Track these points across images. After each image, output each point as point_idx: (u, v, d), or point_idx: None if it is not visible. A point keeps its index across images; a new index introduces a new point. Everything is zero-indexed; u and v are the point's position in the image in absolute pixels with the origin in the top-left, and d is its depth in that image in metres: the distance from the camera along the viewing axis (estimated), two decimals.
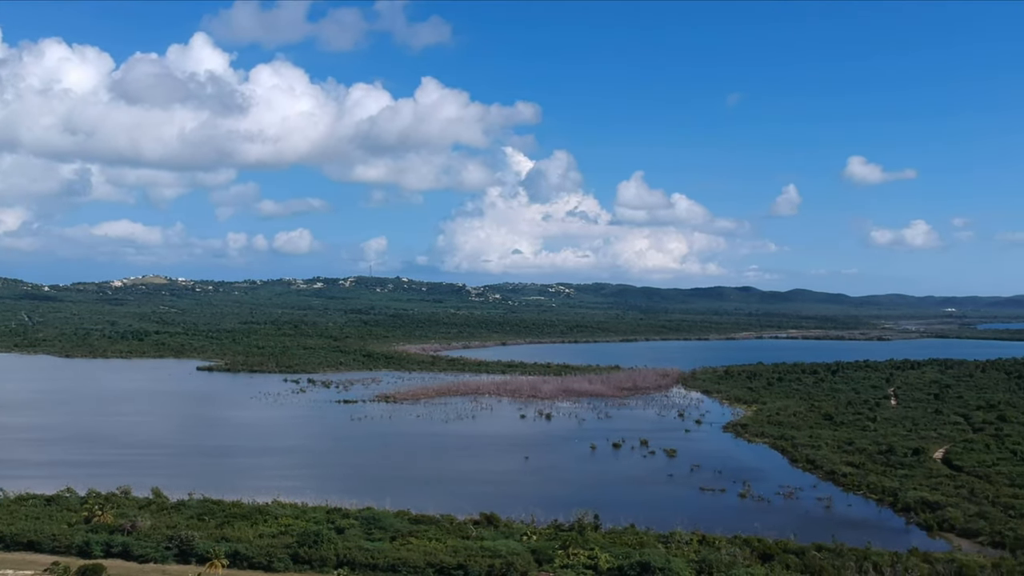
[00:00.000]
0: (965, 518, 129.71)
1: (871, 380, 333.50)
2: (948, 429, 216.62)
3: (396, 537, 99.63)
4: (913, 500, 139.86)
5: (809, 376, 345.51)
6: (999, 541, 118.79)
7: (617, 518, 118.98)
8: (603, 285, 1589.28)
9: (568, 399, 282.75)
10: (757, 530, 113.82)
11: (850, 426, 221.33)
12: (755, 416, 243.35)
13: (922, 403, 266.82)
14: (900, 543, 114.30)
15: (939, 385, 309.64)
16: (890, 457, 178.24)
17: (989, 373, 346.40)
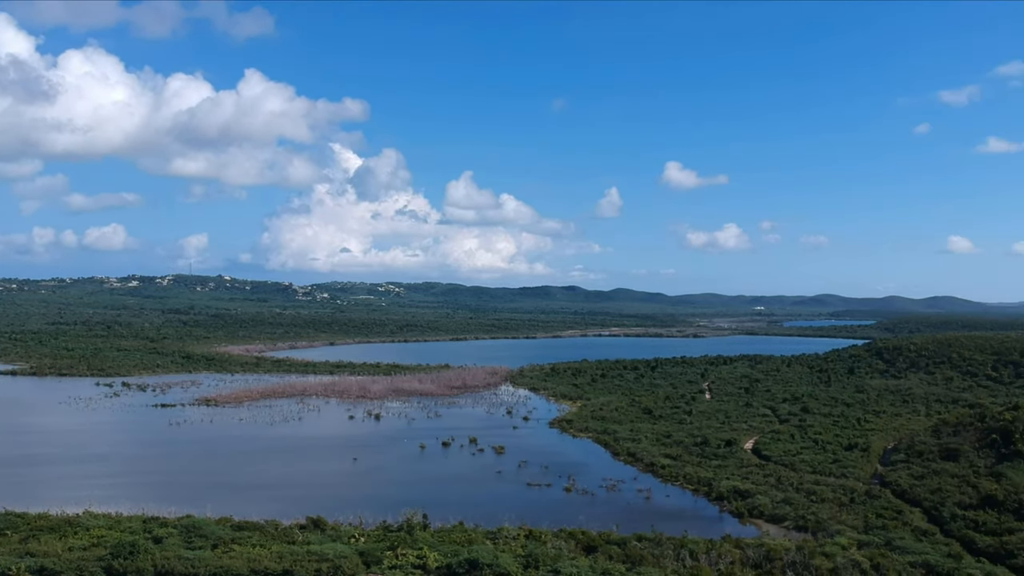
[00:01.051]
0: (772, 504, 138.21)
1: (687, 375, 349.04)
2: (757, 421, 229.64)
3: (218, 545, 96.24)
4: (726, 489, 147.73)
5: (630, 372, 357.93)
6: (802, 525, 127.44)
7: (446, 516, 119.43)
8: (433, 284, 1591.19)
9: (398, 399, 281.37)
10: (582, 523, 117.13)
11: (668, 419, 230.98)
12: (580, 412, 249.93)
13: (734, 396, 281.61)
14: (714, 530, 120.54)
15: (749, 379, 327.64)
16: (705, 448, 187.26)
17: (794, 368, 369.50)
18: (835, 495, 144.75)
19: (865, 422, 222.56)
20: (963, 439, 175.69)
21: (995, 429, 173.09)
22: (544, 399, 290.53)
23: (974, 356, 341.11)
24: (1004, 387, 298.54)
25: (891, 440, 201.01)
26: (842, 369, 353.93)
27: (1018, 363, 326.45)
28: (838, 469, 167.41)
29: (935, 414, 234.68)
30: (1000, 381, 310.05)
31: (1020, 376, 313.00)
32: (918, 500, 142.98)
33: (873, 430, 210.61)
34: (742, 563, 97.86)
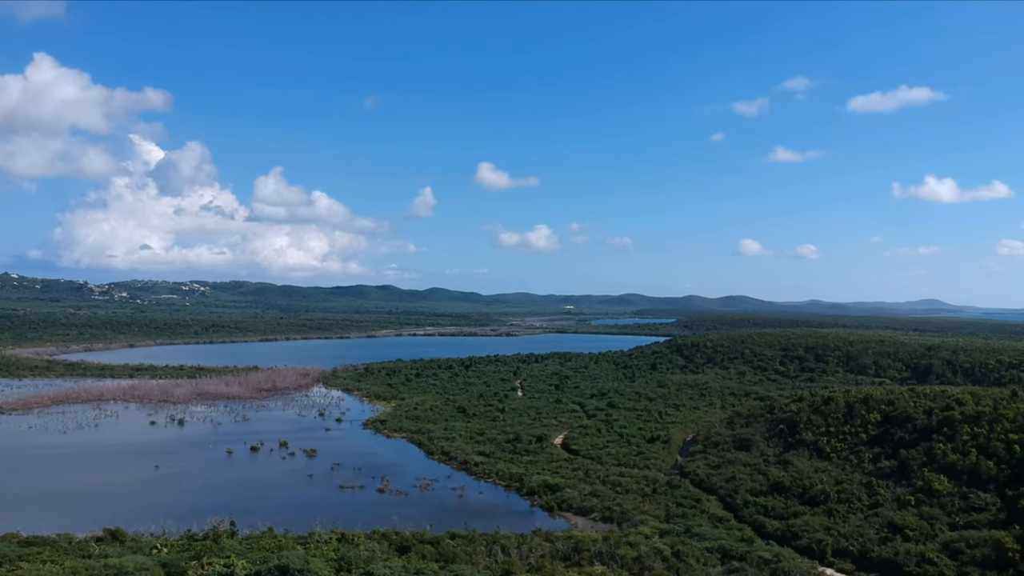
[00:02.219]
0: (581, 497, 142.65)
1: (500, 373, 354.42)
2: (567, 416, 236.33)
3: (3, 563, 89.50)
4: (537, 484, 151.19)
5: (445, 371, 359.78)
6: (609, 516, 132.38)
7: (255, 523, 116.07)
8: (241, 283, 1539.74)
9: (203, 403, 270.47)
10: (395, 523, 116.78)
11: (482, 417, 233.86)
12: (394, 412, 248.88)
13: (545, 393, 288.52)
14: (526, 525, 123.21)
15: (559, 376, 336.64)
16: (517, 445, 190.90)
17: (601, 364, 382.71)
18: (639, 486, 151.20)
19: (666, 415, 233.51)
20: (754, 430, 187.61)
21: (782, 420, 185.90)
22: (358, 400, 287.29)
23: (764, 352, 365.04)
24: (791, 380, 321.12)
25: (690, 432, 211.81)
26: (645, 365, 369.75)
27: (803, 358, 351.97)
28: (642, 461, 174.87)
29: (729, 407, 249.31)
30: (787, 375, 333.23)
31: (805, 370, 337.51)
32: (714, 488, 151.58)
33: (674, 423, 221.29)
34: (552, 556, 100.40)
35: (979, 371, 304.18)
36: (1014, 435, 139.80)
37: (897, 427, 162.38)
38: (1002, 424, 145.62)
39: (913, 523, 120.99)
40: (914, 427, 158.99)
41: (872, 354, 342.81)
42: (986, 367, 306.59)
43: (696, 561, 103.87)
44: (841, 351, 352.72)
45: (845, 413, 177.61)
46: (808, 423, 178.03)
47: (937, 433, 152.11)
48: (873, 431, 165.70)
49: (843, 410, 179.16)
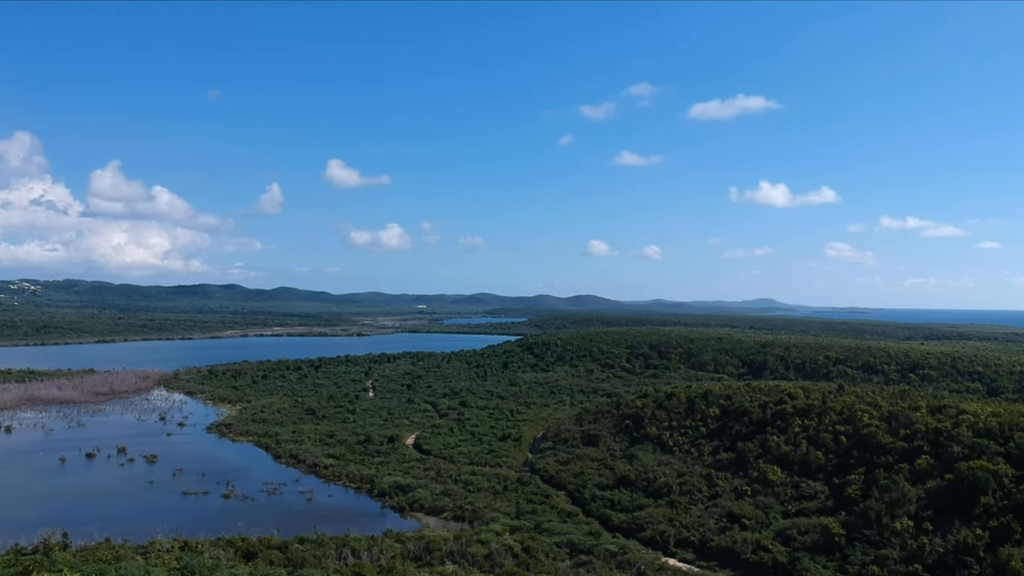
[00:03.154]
0: (432, 497, 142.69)
1: (351, 374, 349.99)
2: (419, 416, 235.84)
3: None
4: (388, 485, 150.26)
5: (293, 372, 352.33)
6: (460, 515, 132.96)
7: (91, 534, 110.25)
8: (76, 282, 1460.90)
9: (33, 408, 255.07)
10: (241, 529, 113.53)
11: (332, 419, 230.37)
12: (240, 415, 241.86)
13: (397, 393, 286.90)
14: (377, 526, 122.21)
15: (412, 376, 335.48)
16: (368, 446, 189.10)
17: (453, 364, 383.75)
18: (490, 484, 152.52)
19: (518, 413, 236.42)
20: (602, 426, 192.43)
21: (628, 415, 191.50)
22: (201, 403, 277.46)
23: (611, 350, 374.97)
24: (636, 377, 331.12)
25: (541, 429, 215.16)
26: (497, 364, 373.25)
27: (648, 355, 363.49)
28: (493, 459, 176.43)
29: (579, 404, 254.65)
30: (633, 372, 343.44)
31: (650, 367, 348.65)
32: (563, 484, 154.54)
33: (525, 421, 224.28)
34: (403, 557, 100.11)
35: (809, 366, 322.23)
36: (841, 426, 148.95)
37: (735, 421, 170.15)
38: (830, 416, 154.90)
39: (749, 512, 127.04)
40: (750, 420, 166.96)
41: (712, 351, 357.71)
42: (815, 363, 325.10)
43: (546, 556, 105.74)
44: (683, 348, 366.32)
45: (687, 408, 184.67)
46: (652, 418, 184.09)
47: (771, 426, 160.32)
48: (713, 425, 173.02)
49: (685, 405, 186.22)
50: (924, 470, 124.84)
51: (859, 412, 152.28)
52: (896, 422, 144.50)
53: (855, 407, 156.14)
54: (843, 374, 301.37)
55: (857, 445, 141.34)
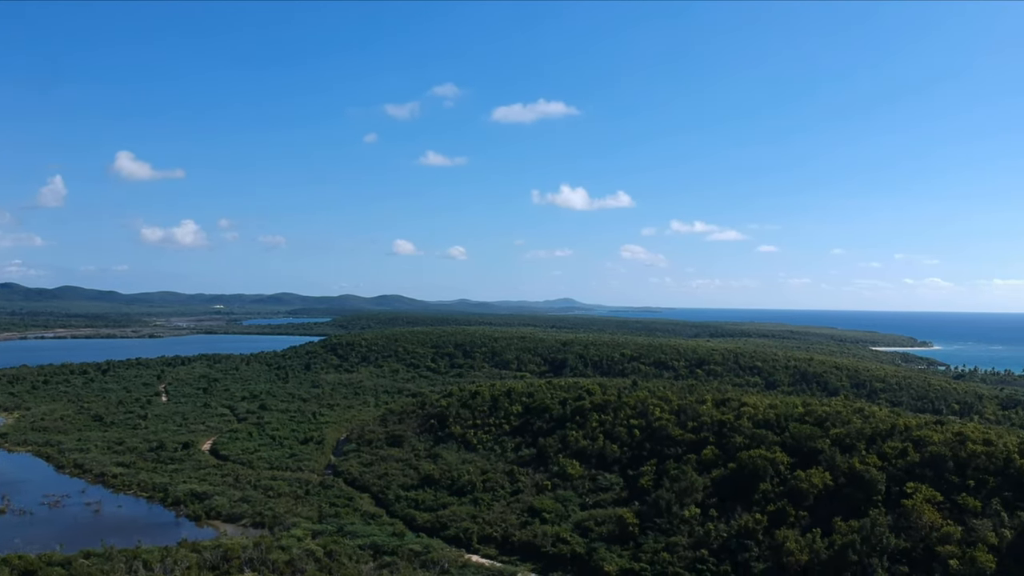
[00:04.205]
0: (230, 504, 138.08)
1: (143, 378, 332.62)
2: (216, 421, 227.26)
3: None
4: (183, 493, 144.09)
5: (79, 377, 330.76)
6: (260, 521, 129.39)
7: None
8: None
9: None
10: (18, 546, 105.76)
11: (121, 426, 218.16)
12: (17, 423, 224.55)
13: (192, 397, 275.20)
14: (171, 537, 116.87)
15: (208, 379, 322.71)
16: (161, 453, 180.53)
17: (252, 366, 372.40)
18: (292, 489, 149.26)
19: (320, 416, 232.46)
20: (407, 426, 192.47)
21: (433, 415, 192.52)
22: None
23: (416, 349, 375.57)
24: (441, 376, 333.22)
25: (344, 431, 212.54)
26: (299, 365, 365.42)
27: (453, 355, 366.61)
28: (295, 463, 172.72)
29: (383, 404, 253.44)
30: (438, 371, 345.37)
31: (455, 366, 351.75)
32: (367, 486, 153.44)
33: (328, 423, 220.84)
34: (199, 567, 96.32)
35: (606, 363, 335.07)
36: (634, 420, 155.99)
37: (536, 417, 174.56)
38: (625, 411, 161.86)
39: (550, 506, 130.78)
40: (551, 417, 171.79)
41: (515, 350, 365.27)
42: (612, 360, 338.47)
43: (349, 559, 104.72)
44: (487, 348, 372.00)
45: (490, 406, 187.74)
46: (457, 417, 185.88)
47: (571, 421, 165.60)
48: (515, 422, 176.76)
49: (489, 403, 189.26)
50: (710, 460, 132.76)
51: (651, 406, 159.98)
52: (685, 415, 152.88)
53: (648, 402, 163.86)
54: (637, 370, 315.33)
55: (650, 438, 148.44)
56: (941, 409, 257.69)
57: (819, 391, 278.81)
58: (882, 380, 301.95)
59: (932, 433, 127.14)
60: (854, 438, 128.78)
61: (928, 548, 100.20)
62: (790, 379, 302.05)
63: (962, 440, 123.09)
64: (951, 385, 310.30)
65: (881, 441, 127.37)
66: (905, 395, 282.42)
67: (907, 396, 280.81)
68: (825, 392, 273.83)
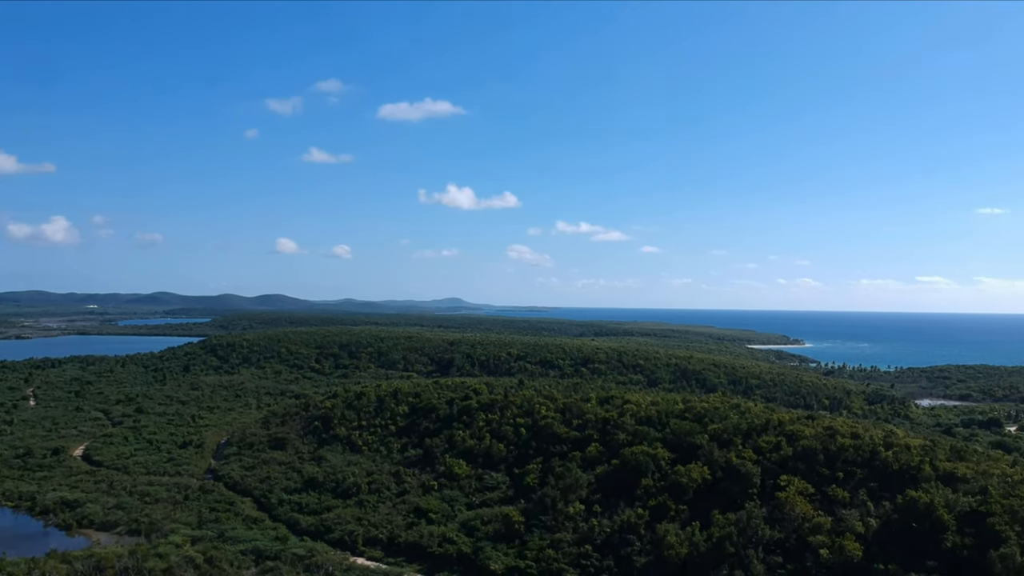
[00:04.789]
0: (104, 512, 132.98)
1: (8, 381, 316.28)
2: (89, 425, 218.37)
3: None
4: (52, 501, 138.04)
5: None
6: (136, 529, 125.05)
7: None
8: None
9: None
10: None
11: None
12: None
13: (63, 401, 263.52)
14: (39, 547, 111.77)
15: (80, 382, 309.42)
16: (28, 460, 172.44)
17: (128, 368, 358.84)
18: (170, 494, 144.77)
19: (200, 419, 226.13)
20: (290, 428, 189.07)
21: (317, 417, 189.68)
22: None
23: (300, 350, 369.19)
24: (326, 377, 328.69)
25: (225, 434, 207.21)
26: (178, 367, 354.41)
27: (338, 355, 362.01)
28: (173, 468, 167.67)
29: (266, 406, 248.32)
30: (323, 372, 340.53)
31: (340, 367, 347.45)
32: (249, 490, 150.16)
33: (208, 426, 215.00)
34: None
35: (493, 363, 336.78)
36: (521, 419, 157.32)
37: (423, 418, 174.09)
38: (511, 410, 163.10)
39: (436, 506, 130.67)
40: (438, 417, 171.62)
41: (401, 350, 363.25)
42: (499, 359, 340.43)
43: (230, 565, 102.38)
44: (373, 348, 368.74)
45: (376, 407, 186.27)
46: (342, 418, 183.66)
47: (458, 421, 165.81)
48: (402, 423, 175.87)
49: (375, 404, 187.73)
50: (594, 457, 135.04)
51: (537, 405, 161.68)
52: (570, 413, 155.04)
53: (534, 400, 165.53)
54: (524, 369, 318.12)
55: (536, 436, 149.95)
56: (812, 404, 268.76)
57: (699, 388, 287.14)
58: (757, 377, 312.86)
59: (804, 428, 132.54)
60: (731, 433, 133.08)
61: (800, 538, 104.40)
62: (671, 377, 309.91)
63: (832, 434, 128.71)
64: (821, 381, 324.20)
65: (756, 436, 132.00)
66: (779, 391, 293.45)
67: (781, 392, 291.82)
68: (704, 389, 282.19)
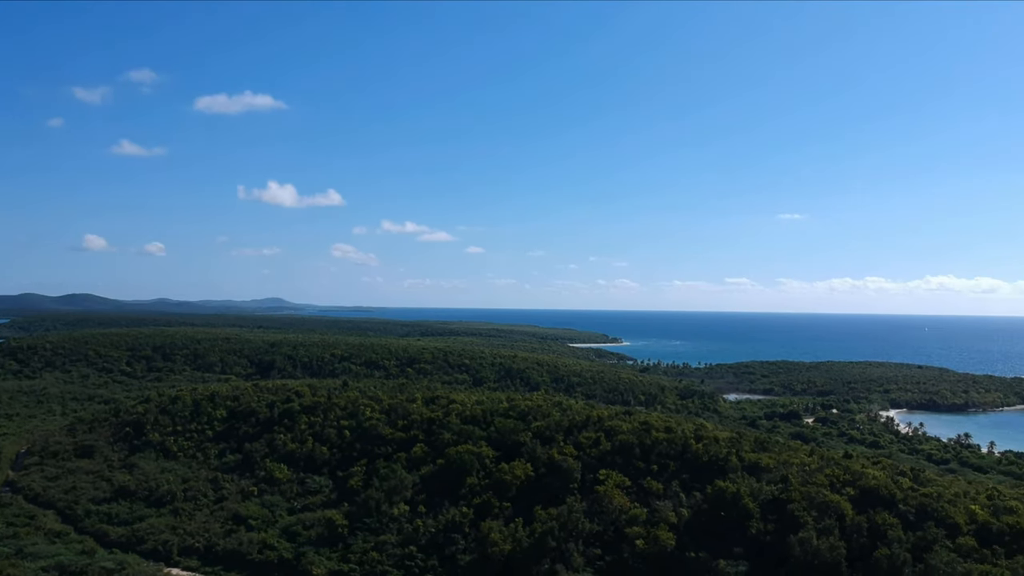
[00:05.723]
0: None
1: None
2: None
3: None
4: None
5: None
6: None
7: None
8: None
9: None
10: None
11: None
12: None
13: None
14: None
15: None
16: None
17: None
18: None
19: None
20: (99, 435, 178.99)
21: (128, 422, 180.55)
22: None
23: (110, 353, 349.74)
24: (138, 381, 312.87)
25: (25, 443, 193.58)
26: None
27: (151, 358, 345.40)
28: None
29: (71, 413, 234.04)
30: (134, 375, 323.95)
31: (153, 370, 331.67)
32: (52, 502, 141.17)
33: (6, 435, 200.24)
34: None
35: (316, 364, 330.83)
36: (345, 421, 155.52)
37: (242, 422, 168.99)
38: (335, 412, 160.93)
39: (256, 512, 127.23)
40: (258, 420, 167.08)
41: (219, 352, 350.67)
42: (322, 360, 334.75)
43: None
44: (189, 350, 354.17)
45: (192, 411, 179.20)
46: (155, 424, 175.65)
47: (279, 425, 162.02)
48: (220, 427, 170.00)
49: (191, 408, 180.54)
50: (419, 457, 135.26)
51: (362, 406, 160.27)
52: (395, 414, 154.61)
53: (359, 402, 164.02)
54: (348, 370, 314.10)
55: (360, 438, 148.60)
56: (629, 400, 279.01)
57: (523, 386, 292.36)
58: (578, 375, 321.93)
59: (622, 423, 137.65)
60: (554, 430, 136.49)
61: (618, 530, 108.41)
62: (496, 376, 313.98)
63: (647, 429, 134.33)
64: (638, 378, 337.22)
65: (577, 432, 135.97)
66: (599, 388, 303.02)
67: (600, 389, 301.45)
68: (528, 387, 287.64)
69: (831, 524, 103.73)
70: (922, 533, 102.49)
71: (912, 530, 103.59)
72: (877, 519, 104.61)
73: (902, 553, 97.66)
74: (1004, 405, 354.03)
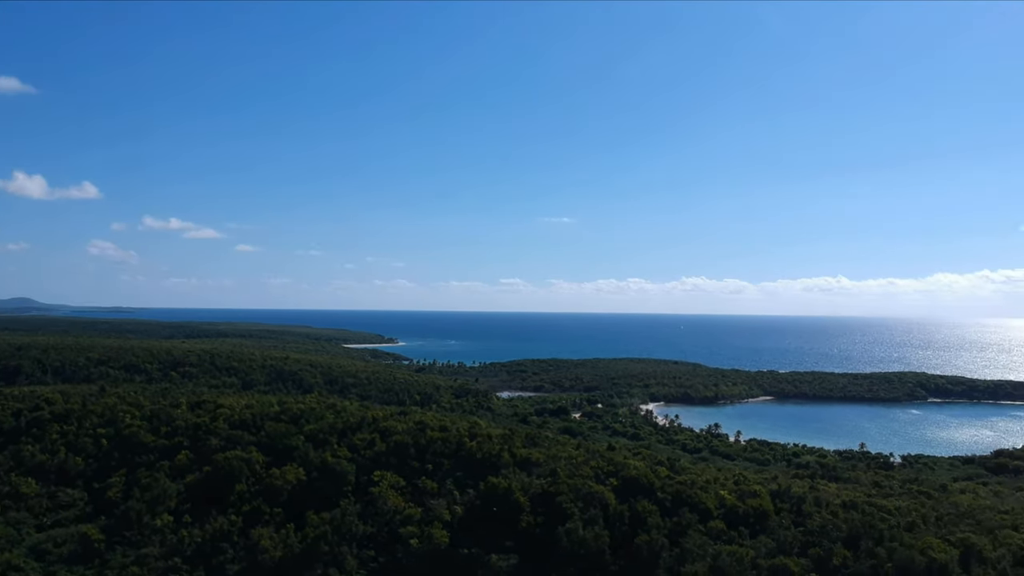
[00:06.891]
0: None
1: None
2: None
3: None
4: None
5: None
6: None
7: None
8: None
9: None
10: None
11: None
12: None
13: None
14: None
15: None
16: None
17: None
18: None
19: None
20: None
21: None
22: None
23: None
24: None
25: None
26: None
27: None
28: None
29: None
30: None
31: None
32: None
33: None
34: None
35: (70, 369, 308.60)
36: (102, 429, 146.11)
37: None
38: (91, 419, 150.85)
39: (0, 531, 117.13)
40: (2, 431, 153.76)
41: None
42: (76, 364, 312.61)
43: None
44: None
45: None
46: None
47: (27, 435, 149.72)
48: None
49: None
50: (184, 465, 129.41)
51: (121, 413, 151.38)
52: (158, 420, 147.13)
53: (117, 408, 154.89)
54: (106, 375, 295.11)
55: (119, 446, 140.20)
56: (405, 400, 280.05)
57: (295, 389, 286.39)
58: (353, 376, 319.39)
59: (397, 423, 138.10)
60: (327, 433, 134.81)
61: (393, 531, 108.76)
62: (267, 378, 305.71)
63: (423, 428, 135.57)
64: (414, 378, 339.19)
65: (352, 434, 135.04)
66: (374, 388, 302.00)
67: (376, 389, 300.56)
68: (301, 390, 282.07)
69: (596, 514, 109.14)
70: (678, 519, 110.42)
71: (669, 516, 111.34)
72: (638, 507, 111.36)
73: (660, 538, 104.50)
74: (749, 397, 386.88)
